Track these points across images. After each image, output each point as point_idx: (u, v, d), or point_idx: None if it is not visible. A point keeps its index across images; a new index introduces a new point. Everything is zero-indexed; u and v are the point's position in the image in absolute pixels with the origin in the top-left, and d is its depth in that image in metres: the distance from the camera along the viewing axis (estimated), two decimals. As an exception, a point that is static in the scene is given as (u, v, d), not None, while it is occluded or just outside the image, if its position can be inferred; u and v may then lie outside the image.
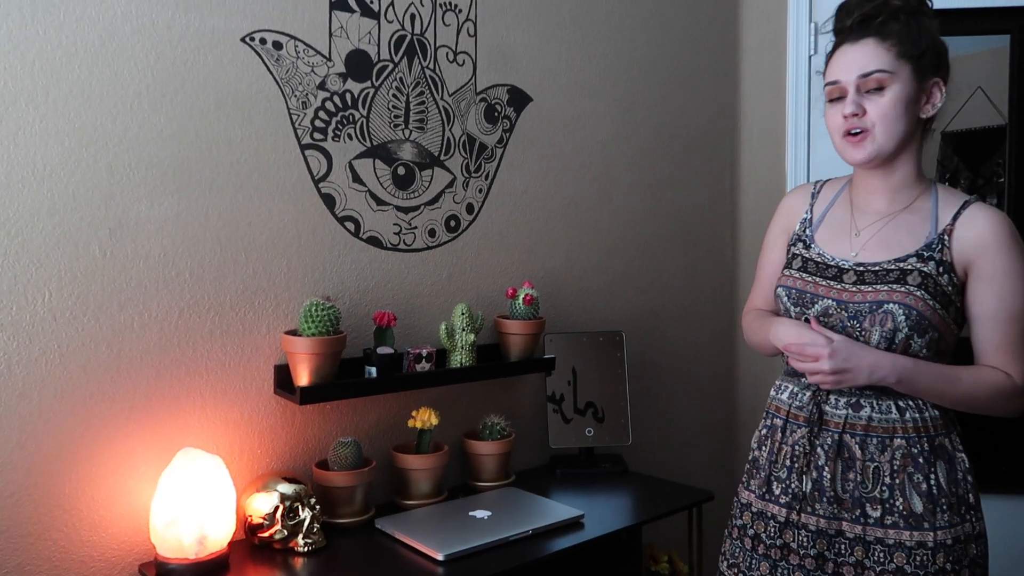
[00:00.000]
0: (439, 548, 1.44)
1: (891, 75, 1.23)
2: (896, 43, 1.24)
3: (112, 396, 1.43)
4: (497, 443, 1.83)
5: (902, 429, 1.24)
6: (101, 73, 1.40)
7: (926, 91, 1.26)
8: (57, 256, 1.37)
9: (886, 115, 1.23)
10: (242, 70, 1.55)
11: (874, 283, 1.24)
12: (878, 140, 1.25)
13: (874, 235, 1.29)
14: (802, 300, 1.30)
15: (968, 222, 1.23)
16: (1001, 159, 2.35)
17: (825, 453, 1.27)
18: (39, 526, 1.36)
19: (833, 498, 1.26)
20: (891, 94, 1.23)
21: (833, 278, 1.28)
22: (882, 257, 1.26)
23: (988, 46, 2.40)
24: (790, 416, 1.33)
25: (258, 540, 1.48)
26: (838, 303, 1.26)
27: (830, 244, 1.33)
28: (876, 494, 1.23)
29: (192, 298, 1.51)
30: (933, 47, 1.26)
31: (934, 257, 1.23)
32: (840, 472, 1.26)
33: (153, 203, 1.46)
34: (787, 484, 1.31)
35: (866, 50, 1.24)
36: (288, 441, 1.64)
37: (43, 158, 1.35)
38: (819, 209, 1.39)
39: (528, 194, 2.03)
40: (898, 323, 1.20)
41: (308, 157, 1.65)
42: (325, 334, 1.54)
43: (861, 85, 1.24)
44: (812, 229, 1.37)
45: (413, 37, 1.80)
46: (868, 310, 1.23)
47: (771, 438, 1.37)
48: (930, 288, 1.21)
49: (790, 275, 1.35)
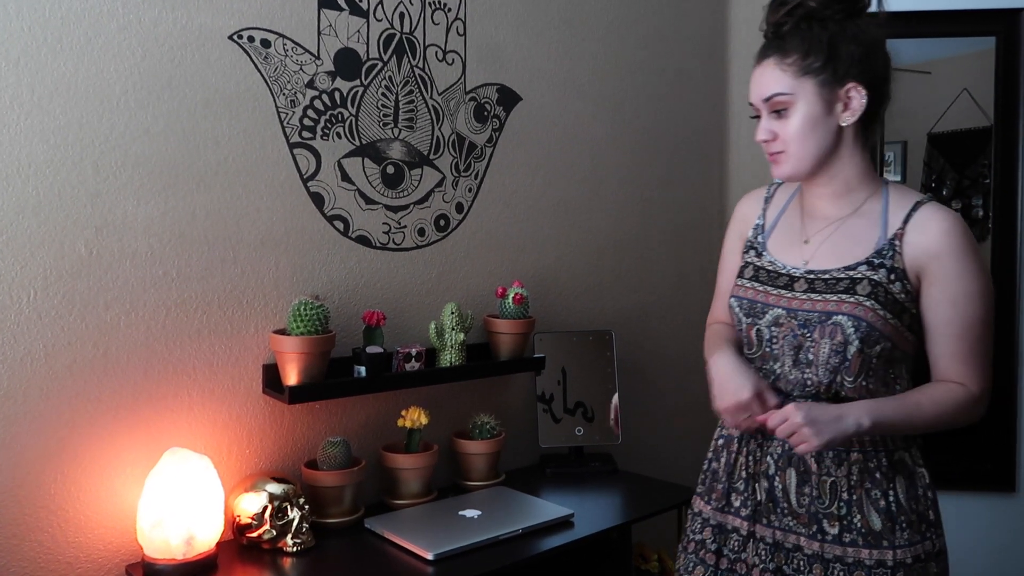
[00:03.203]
0: (429, 547, 1.43)
1: (791, 96, 1.18)
2: (798, 59, 1.17)
3: (98, 396, 1.41)
4: (487, 442, 1.82)
5: (858, 443, 1.19)
6: (87, 70, 1.39)
7: (840, 99, 1.18)
8: (42, 255, 1.36)
9: (794, 138, 1.19)
10: (230, 68, 1.55)
11: (824, 292, 1.20)
12: (792, 161, 1.21)
13: (824, 242, 1.24)
14: (753, 310, 1.26)
15: (919, 226, 1.17)
16: (987, 160, 2.37)
17: (774, 463, 1.24)
18: (23, 527, 1.35)
19: (788, 511, 1.22)
20: (796, 116, 1.18)
21: (784, 287, 1.24)
22: (832, 265, 1.22)
23: (973, 48, 2.42)
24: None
25: (246, 540, 1.48)
26: (788, 311, 1.22)
27: (781, 252, 1.29)
28: (833, 510, 1.19)
29: (179, 297, 1.50)
30: (847, 51, 1.18)
31: (885, 264, 1.18)
32: (795, 484, 1.22)
33: (140, 201, 1.45)
34: (746, 496, 1.28)
35: (766, 71, 1.21)
36: (277, 441, 1.63)
37: (28, 156, 1.34)
38: (771, 215, 1.35)
39: (518, 193, 2.03)
40: (847, 335, 1.16)
41: (296, 156, 1.64)
42: (314, 333, 1.53)
43: (767, 107, 1.21)
44: (764, 236, 1.33)
45: (402, 36, 1.79)
46: (818, 320, 1.19)
47: (727, 449, 1.33)
48: (880, 297, 1.16)
49: (742, 285, 1.30)
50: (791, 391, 1.23)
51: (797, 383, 1.22)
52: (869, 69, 1.19)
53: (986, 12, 2.30)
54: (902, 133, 2.50)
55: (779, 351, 1.23)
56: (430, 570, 1.40)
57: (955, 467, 2.36)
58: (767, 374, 1.26)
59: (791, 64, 1.18)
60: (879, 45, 1.22)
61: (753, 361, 1.28)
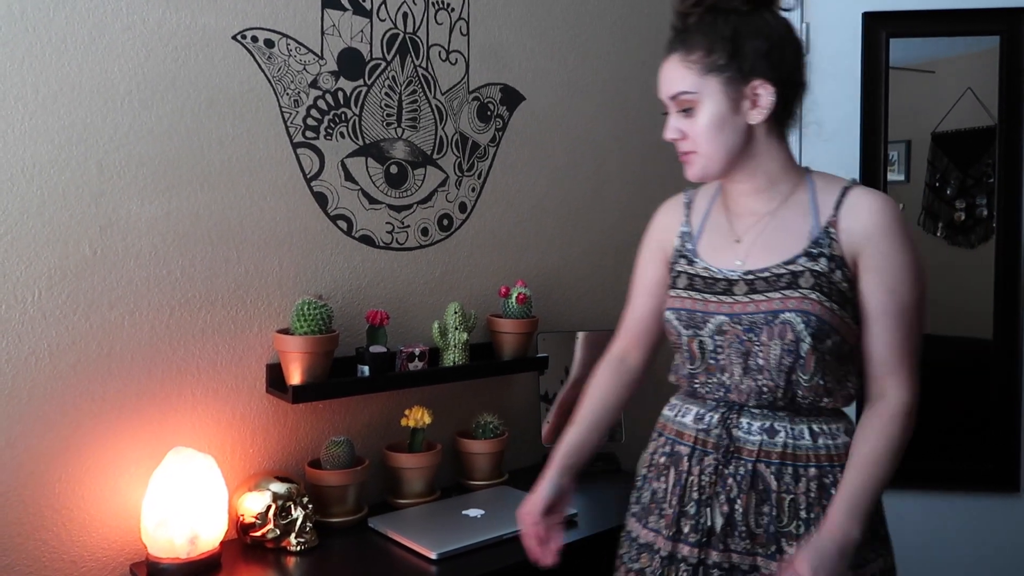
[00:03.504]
0: (432, 547, 1.43)
1: (696, 95, 1.13)
2: (701, 55, 1.13)
3: (102, 395, 1.42)
4: (490, 442, 1.82)
5: (815, 457, 1.13)
6: (91, 70, 1.39)
7: (746, 97, 1.13)
8: (47, 254, 1.36)
9: (702, 137, 1.14)
10: (233, 68, 1.55)
11: (766, 291, 1.13)
12: (704, 162, 1.16)
13: (756, 238, 1.18)
14: (693, 321, 1.18)
15: (852, 211, 1.13)
16: (991, 160, 2.37)
17: (738, 484, 1.14)
18: (28, 526, 1.35)
19: (746, 533, 1.13)
20: (702, 115, 1.13)
21: (723, 292, 1.17)
22: (769, 261, 1.15)
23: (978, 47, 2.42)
24: (697, 442, 1.19)
25: (250, 539, 1.48)
26: (731, 317, 1.15)
27: (714, 256, 1.21)
28: (792, 529, 1.12)
29: (183, 297, 1.50)
30: (752, 46, 1.12)
31: (824, 253, 1.12)
32: (754, 505, 1.14)
33: (144, 201, 1.45)
34: (696, 521, 1.16)
35: (670, 68, 1.16)
36: (280, 440, 1.63)
37: (32, 156, 1.34)
38: (696, 220, 1.27)
39: (521, 193, 2.03)
40: (799, 333, 1.10)
41: (300, 155, 1.65)
42: (317, 333, 1.53)
43: (674, 105, 1.16)
44: (693, 243, 1.25)
45: (406, 36, 1.79)
46: (764, 321, 1.12)
47: (675, 468, 1.21)
48: (824, 288, 1.11)
49: (677, 296, 1.22)
50: (745, 401, 1.16)
51: (751, 392, 1.15)
52: (777, 64, 1.13)
53: (990, 11, 2.29)
54: (906, 132, 2.50)
55: (725, 361, 1.16)
56: (433, 569, 1.40)
57: (957, 468, 2.36)
58: (715, 387, 1.19)
59: (695, 61, 1.13)
60: (787, 37, 1.16)
61: (695, 376, 1.21)
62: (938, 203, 2.51)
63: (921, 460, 2.36)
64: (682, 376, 1.24)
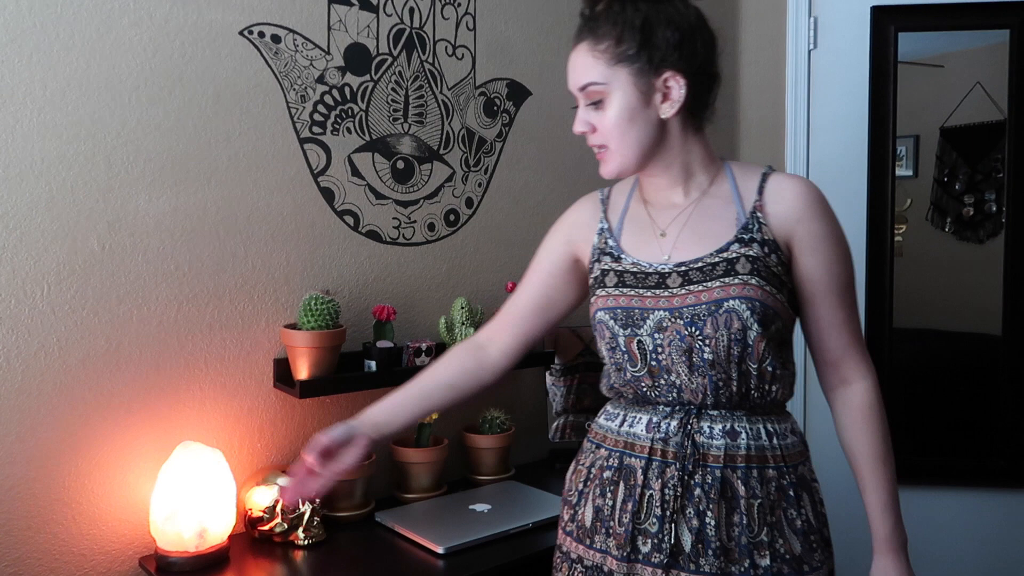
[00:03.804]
0: (439, 541, 1.44)
1: (605, 86, 1.08)
2: (610, 45, 1.08)
3: (111, 389, 1.42)
4: (497, 437, 1.83)
5: (772, 458, 1.08)
6: (99, 66, 1.39)
7: (657, 89, 1.08)
8: (55, 249, 1.37)
9: (612, 131, 1.09)
10: (240, 63, 1.55)
11: (702, 280, 1.08)
12: (617, 157, 1.11)
13: (681, 230, 1.13)
14: (630, 319, 1.10)
15: (776, 194, 1.10)
16: (1000, 155, 2.35)
17: (706, 495, 1.05)
18: (38, 519, 1.36)
19: (719, 549, 1.04)
20: (612, 108, 1.09)
21: (657, 286, 1.10)
22: (700, 252, 1.10)
23: (987, 41, 2.40)
24: (653, 453, 1.09)
25: (258, 533, 1.48)
26: (671, 312, 1.08)
27: (639, 251, 1.15)
28: (763, 537, 1.05)
29: (191, 291, 1.51)
30: (662, 36, 1.08)
31: (755, 238, 1.08)
32: (724, 516, 1.05)
33: (151, 196, 1.46)
34: (660, 538, 1.06)
35: (579, 58, 1.12)
36: (288, 435, 1.64)
37: (40, 151, 1.35)
38: (615, 217, 1.21)
39: (528, 188, 2.03)
40: (745, 320, 1.04)
41: (307, 151, 1.65)
42: (324, 328, 1.53)
43: (584, 97, 1.12)
44: (615, 239, 1.18)
45: (412, 31, 1.79)
46: (707, 312, 1.05)
47: (625, 482, 1.10)
48: (762, 272, 1.07)
49: (608, 294, 1.13)
50: (702, 401, 1.09)
51: (704, 389, 1.08)
52: (689, 55, 1.09)
53: (1000, 4, 2.27)
54: (914, 127, 2.48)
55: (668, 361, 1.08)
56: (440, 564, 1.41)
57: (967, 464, 2.35)
58: (667, 389, 1.10)
59: (604, 51, 1.08)
60: (699, 27, 1.12)
61: (640, 380, 1.11)
62: (946, 198, 2.50)
63: (931, 456, 2.36)
64: (625, 383, 1.14)
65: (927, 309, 2.52)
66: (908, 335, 2.43)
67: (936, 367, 2.58)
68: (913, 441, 2.37)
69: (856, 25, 2.38)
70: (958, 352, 2.50)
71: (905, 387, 2.41)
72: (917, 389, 2.46)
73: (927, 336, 2.52)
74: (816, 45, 2.48)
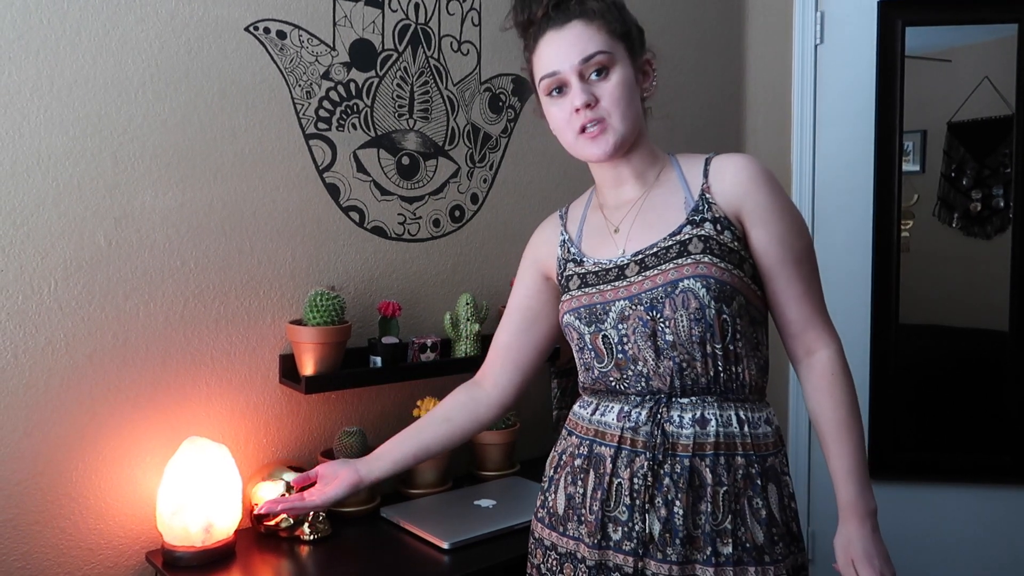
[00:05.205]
0: (444, 536, 1.44)
1: (611, 55, 1.10)
2: (603, 23, 1.11)
3: (118, 385, 1.43)
4: (502, 433, 1.83)
5: (742, 445, 1.09)
6: (105, 62, 1.40)
7: (641, 69, 1.15)
8: (62, 245, 1.37)
9: (618, 100, 1.10)
10: (246, 59, 1.55)
11: (657, 264, 1.10)
12: (617, 129, 1.11)
13: (633, 223, 1.16)
14: (593, 315, 1.13)
15: (720, 174, 1.13)
16: (1008, 150, 2.34)
17: (675, 484, 1.07)
18: (46, 514, 1.37)
19: (686, 538, 1.06)
20: (616, 76, 1.10)
21: (616, 278, 1.13)
22: (653, 239, 1.12)
23: (995, 35, 2.39)
24: (623, 441, 1.11)
25: (264, 529, 1.49)
26: (630, 299, 1.10)
27: (597, 250, 1.19)
28: (727, 525, 1.07)
29: (197, 287, 1.51)
30: (635, 23, 1.15)
31: (706, 218, 1.10)
32: (691, 504, 1.07)
33: (158, 192, 1.46)
34: (631, 527, 1.08)
35: (578, 33, 1.10)
36: (293, 430, 1.65)
37: (48, 147, 1.35)
38: (574, 227, 1.25)
39: (533, 184, 2.03)
40: (701, 299, 1.06)
41: (312, 147, 1.65)
42: (330, 324, 1.54)
43: (583, 71, 1.10)
44: (576, 245, 1.22)
45: (417, 26, 1.79)
46: (664, 294, 1.08)
47: (595, 470, 1.13)
48: (715, 250, 1.08)
49: (572, 297, 1.17)
50: (670, 386, 1.10)
51: (672, 373, 1.09)
52: (643, 44, 1.16)
53: (1008, -1, 2.26)
54: (921, 122, 2.47)
55: (633, 349, 1.10)
56: (445, 559, 1.41)
57: (973, 460, 2.34)
58: (635, 379, 1.12)
59: (600, 28, 1.11)
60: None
61: (607, 375, 1.14)
62: (954, 193, 2.49)
63: (937, 452, 2.35)
64: (595, 380, 1.17)
65: (934, 305, 2.51)
66: (914, 331, 2.43)
67: (942, 363, 2.57)
68: (919, 437, 2.37)
69: (863, 19, 2.38)
70: (964, 348, 2.49)
71: (911, 383, 2.40)
72: (923, 385, 2.45)
73: (933, 332, 2.51)
74: (823, 40, 2.47)
